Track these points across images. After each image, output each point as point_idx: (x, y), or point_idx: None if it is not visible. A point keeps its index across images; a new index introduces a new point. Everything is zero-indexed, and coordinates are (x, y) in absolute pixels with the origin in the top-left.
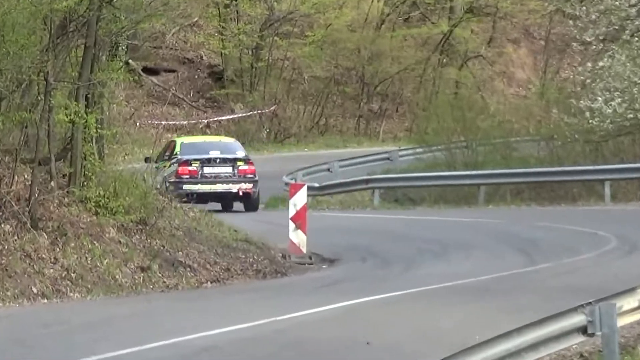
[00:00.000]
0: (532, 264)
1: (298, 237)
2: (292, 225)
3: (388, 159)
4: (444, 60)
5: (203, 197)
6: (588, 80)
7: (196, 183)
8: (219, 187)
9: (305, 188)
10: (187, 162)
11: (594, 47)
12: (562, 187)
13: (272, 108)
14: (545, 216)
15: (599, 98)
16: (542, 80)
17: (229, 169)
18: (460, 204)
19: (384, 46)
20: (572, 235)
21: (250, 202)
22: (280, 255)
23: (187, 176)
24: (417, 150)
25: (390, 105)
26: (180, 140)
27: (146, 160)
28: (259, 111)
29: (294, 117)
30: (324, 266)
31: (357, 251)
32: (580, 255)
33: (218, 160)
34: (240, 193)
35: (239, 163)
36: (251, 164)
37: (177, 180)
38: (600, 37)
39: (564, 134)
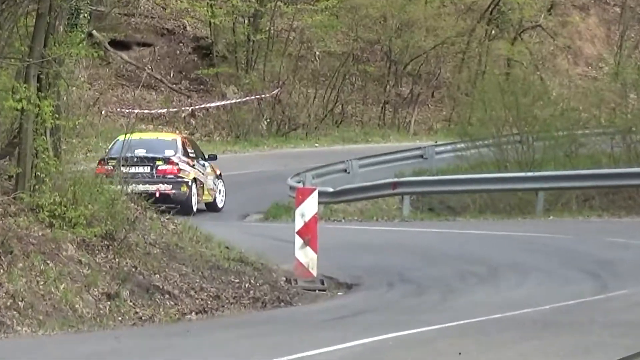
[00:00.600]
0: (604, 291)
1: (306, 256)
2: (299, 240)
3: (421, 156)
4: (493, 31)
5: None
6: None
7: (111, 183)
8: (136, 189)
9: (315, 194)
10: (104, 161)
11: None
12: None
13: (274, 92)
14: (621, 230)
15: None
16: (617, 57)
17: (147, 169)
18: (512, 214)
19: (417, 14)
20: None
21: (170, 203)
22: (284, 279)
23: (104, 175)
24: (458, 146)
25: (424, 89)
26: (119, 137)
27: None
28: (258, 96)
29: (301, 104)
30: (339, 293)
31: (382, 274)
32: None
33: (136, 159)
34: (157, 194)
35: (157, 163)
36: (173, 164)
37: None
38: None
39: None
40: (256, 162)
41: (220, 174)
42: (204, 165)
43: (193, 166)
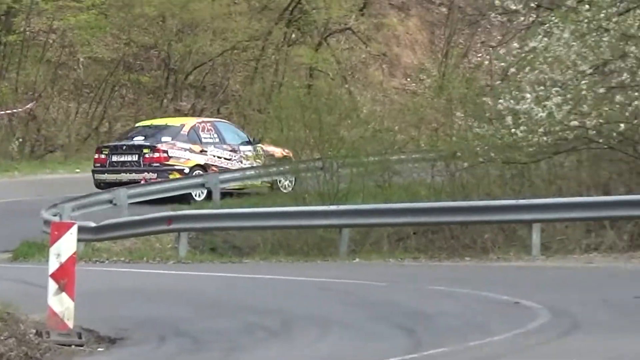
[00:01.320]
0: (418, 349)
1: (62, 304)
2: (52, 285)
3: (203, 185)
4: (293, 35)
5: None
6: (512, 69)
7: (104, 172)
8: (124, 177)
9: (74, 229)
10: (100, 150)
11: (522, 18)
12: (468, 232)
13: (28, 106)
14: (441, 276)
15: (528, 95)
16: (441, 67)
17: (135, 157)
18: (312, 255)
19: (202, 13)
20: (481, 306)
21: None
22: (34, 331)
23: (99, 164)
24: (248, 172)
25: (209, 104)
26: (136, 124)
27: None
28: (8, 111)
29: (61, 121)
30: (100, 349)
31: (153, 326)
32: (492, 337)
33: (124, 148)
34: (142, 183)
35: (144, 151)
36: (160, 151)
37: (92, 169)
38: (532, 4)
39: (472, 150)
40: (5, 190)
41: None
42: (234, 150)
43: (203, 152)
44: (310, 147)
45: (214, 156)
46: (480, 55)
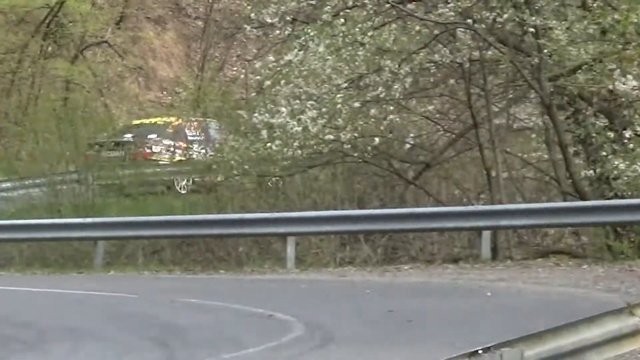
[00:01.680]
0: None
1: None
2: None
3: None
4: (50, 48)
5: None
6: (268, 83)
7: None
8: None
9: None
10: (90, 146)
11: (278, 32)
12: (224, 245)
13: None
14: (195, 288)
15: (283, 109)
16: (197, 80)
17: (121, 153)
18: (67, 267)
19: None
20: (234, 318)
21: None
22: None
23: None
24: (4, 185)
25: None
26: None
27: None
28: None
29: None
30: None
31: None
32: (246, 349)
33: (112, 144)
34: None
35: (130, 147)
36: (142, 147)
37: None
38: (288, 17)
39: (227, 163)
40: None
41: None
42: None
43: (188, 149)
44: (67, 160)
45: (199, 153)
46: (235, 68)
